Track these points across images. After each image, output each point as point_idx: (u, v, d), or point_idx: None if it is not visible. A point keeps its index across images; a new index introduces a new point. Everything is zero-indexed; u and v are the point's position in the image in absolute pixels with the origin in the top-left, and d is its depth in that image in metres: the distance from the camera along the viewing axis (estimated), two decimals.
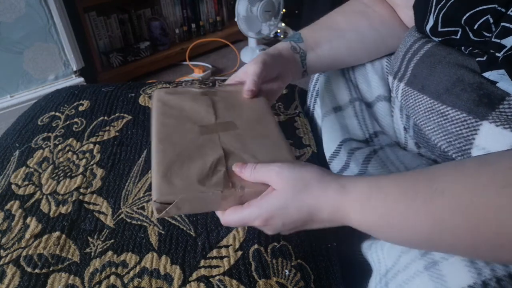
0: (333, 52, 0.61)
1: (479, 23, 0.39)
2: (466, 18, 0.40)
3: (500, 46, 0.37)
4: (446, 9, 0.43)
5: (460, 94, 0.42)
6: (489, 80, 0.41)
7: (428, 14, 0.47)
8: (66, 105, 0.73)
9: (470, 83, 0.42)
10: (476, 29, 0.40)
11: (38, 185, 0.56)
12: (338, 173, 0.57)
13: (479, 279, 0.30)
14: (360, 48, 0.62)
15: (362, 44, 0.61)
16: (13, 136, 0.67)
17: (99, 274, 0.44)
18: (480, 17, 0.39)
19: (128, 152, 0.61)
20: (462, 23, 0.41)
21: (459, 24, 0.42)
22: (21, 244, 0.48)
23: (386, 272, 0.39)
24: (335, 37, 0.61)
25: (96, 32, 1.80)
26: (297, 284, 0.43)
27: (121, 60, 1.85)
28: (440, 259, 0.33)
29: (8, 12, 1.35)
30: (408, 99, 0.50)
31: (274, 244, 0.47)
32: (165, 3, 2.00)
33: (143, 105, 0.72)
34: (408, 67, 0.50)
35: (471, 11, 0.39)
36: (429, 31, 0.48)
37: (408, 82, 0.50)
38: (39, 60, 1.49)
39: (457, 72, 0.43)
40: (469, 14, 0.40)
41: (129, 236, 0.48)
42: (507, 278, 0.30)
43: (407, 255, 0.36)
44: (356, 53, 0.63)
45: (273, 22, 1.85)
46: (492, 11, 0.37)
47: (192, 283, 0.43)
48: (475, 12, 0.39)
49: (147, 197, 0.53)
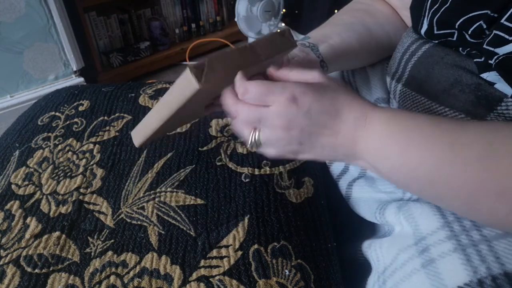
0: (346, 43, 0.58)
1: (473, 28, 0.39)
2: (460, 24, 0.40)
3: (492, 53, 0.37)
4: (440, 14, 0.43)
5: (458, 95, 0.42)
6: (487, 81, 0.41)
7: (422, 18, 0.47)
8: (66, 105, 0.73)
9: (468, 84, 0.42)
10: (471, 33, 0.40)
11: (38, 185, 0.56)
12: (337, 177, 0.56)
13: (475, 277, 0.30)
14: (369, 42, 0.60)
15: (371, 38, 0.60)
16: (13, 136, 0.67)
17: (99, 274, 0.44)
18: (473, 22, 0.39)
19: (128, 152, 0.61)
20: (456, 28, 0.41)
21: (454, 28, 0.42)
22: (21, 244, 0.48)
23: (384, 270, 0.39)
24: (344, 30, 0.58)
25: (96, 32, 1.80)
26: (297, 284, 0.43)
27: (121, 60, 1.85)
28: (437, 257, 0.34)
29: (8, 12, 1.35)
30: (406, 100, 0.50)
31: (274, 244, 0.47)
32: (165, 3, 2.00)
33: (143, 105, 0.72)
34: (405, 68, 0.50)
35: (464, 17, 0.39)
36: (424, 34, 0.47)
37: (405, 83, 0.50)
38: (39, 60, 1.49)
39: (455, 73, 0.43)
40: (462, 20, 0.40)
41: (129, 236, 0.48)
42: (502, 276, 0.30)
43: (404, 253, 0.37)
44: (366, 46, 0.60)
45: (273, 22, 1.85)
46: (484, 17, 0.37)
47: (192, 283, 0.43)
48: (469, 17, 0.39)
49: (147, 197, 0.53)
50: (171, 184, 0.54)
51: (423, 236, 0.36)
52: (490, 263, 0.31)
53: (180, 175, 0.56)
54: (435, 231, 0.36)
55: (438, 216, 0.36)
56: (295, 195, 0.53)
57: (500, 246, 0.32)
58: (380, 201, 0.46)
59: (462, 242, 0.33)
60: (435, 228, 0.36)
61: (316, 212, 0.52)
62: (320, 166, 0.59)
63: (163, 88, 0.77)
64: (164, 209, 0.51)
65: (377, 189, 0.48)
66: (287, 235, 0.48)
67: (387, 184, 0.47)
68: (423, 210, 0.38)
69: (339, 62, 0.59)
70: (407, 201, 0.42)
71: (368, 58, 0.63)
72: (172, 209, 0.51)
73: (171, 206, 0.51)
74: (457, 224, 0.35)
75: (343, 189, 0.54)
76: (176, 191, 0.53)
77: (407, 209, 0.40)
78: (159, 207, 0.51)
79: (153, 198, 0.53)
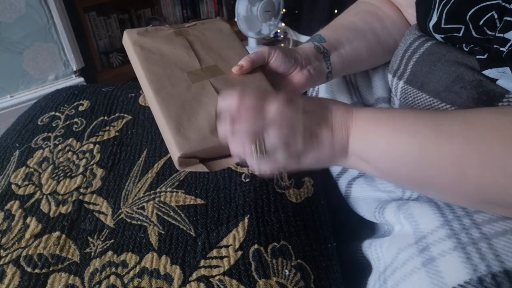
0: (355, 53, 0.59)
1: (485, 19, 0.39)
2: (471, 14, 0.40)
3: (504, 40, 0.37)
4: (450, 5, 0.43)
5: (460, 92, 0.43)
6: (488, 78, 0.41)
7: (432, 10, 0.47)
8: (66, 105, 0.73)
9: (469, 81, 0.42)
10: (480, 26, 0.40)
11: (38, 185, 0.56)
12: (337, 176, 0.56)
13: (474, 275, 0.31)
14: (378, 50, 0.61)
15: (379, 45, 0.60)
16: (13, 136, 0.67)
17: (99, 274, 0.44)
18: (485, 13, 0.39)
19: (128, 152, 0.61)
20: (466, 20, 0.41)
21: (463, 21, 0.42)
22: (21, 244, 0.48)
23: (384, 269, 0.39)
24: (355, 37, 0.59)
25: (96, 32, 1.80)
26: (297, 284, 0.43)
27: (121, 60, 1.85)
28: (437, 256, 0.34)
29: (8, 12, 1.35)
30: (408, 97, 0.50)
31: (274, 244, 0.47)
32: (165, 3, 2.01)
33: (143, 105, 0.72)
34: (407, 65, 0.51)
35: (475, 7, 0.39)
36: (432, 28, 0.47)
37: (407, 80, 0.50)
38: (39, 60, 1.49)
39: (457, 70, 0.43)
40: (473, 10, 0.40)
41: (129, 236, 0.48)
42: (502, 274, 0.30)
43: (405, 252, 0.37)
44: (374, 54, 0.61)
45: (273, 22, 1.85)
46: (496, 7, 0.37)
47: (192, 283, 0.43)
48: (480, 8, 0.39)
49: (147, 197, 0.53)
50: (171, 184, 0.54)
51: (423, 235, 0.36)
52: (490, 261, 0.31)
53: (180, 175, 0.56)
54: (435, 229, 0.36)
55: (438, 215, 0.36)
56: (295, 195, 0.53)
57: (499, 244, 0.32)
58: (379, 200, 0.46)
59: (462, 241, 0.33)
60: (435, 227, 0.36)
61: (316, 212, 0.52)
62: None
63: None
64: (164, 209, 0.51)
65: (377, 188, 0.48)
66: (287, 235, 0.48)
67: (386, 183, 0.47)
68: (423, 209, 0.38)
69: (344, 71, 0.60)
70: (407, 201, 0.42)
71: (372, 64, 0.64)
72: (172, 209, 0.51)
73: (171, 206, 0.51)
74: (457, 223, 0.35)
75: (342, 188, 0.54)
76: (176, 191, 0.53)
77: (407, 208, 0.40)
78: (159, 207, 0.51)
79: (153, 198, 0.53)
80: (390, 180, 0.45)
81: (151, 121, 0.67)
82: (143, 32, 0.52)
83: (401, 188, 0.45)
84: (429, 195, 0.40)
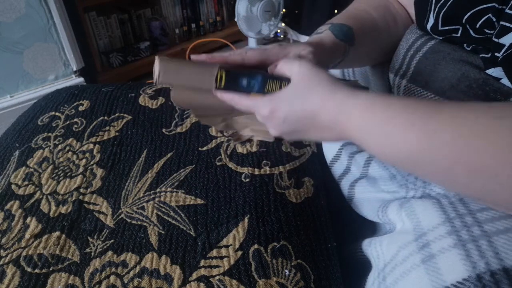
0: (372, 52, 0.58)
1: (481, 22, 0.39)
2: (468, 17, 0.40)
3: (499, 45, 0.37)
4: (447, 8, 0.43)
5: (466, 90, 0.42)
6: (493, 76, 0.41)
7: (428, 12, 0.47)
8: (66, 105, 0.73)
9: (475, 79, 0.42)
10: (478, 28, 0.40)
11: (38, 185, 0.56)
12: (339, 177, 0.56)
13: (473, 273, 0.30)
14: (391, 50, 0.59)
15: (393, 45, 0.59)
16: (13, 136, 0.67)
17: (99, 274, 0.44)
18: (481, 16, 0.39)
19: (128, 152, 0.61)
20: (463, 22, 0.41)
21: (459, 23, 0.42)
22: (21, 244, 0.48)
23: (384, 267, 0.39)
24: (376, 36, 0.57)
25: (96, 32, 1.80)
26: (297, 284, 0.43)
27: (121, 60, 1.85)
28: (437, 253, 0.33)
29: (8, 12, 1.35)
30: (411, 96, 0.50)
31: (274, 244, 0.47)
32: (165, 3, 2.00)
33: (143, 105, 0.72)
34: (410, 64, 0.50)
35: (471, 10, 0.39)
36: (430, 29, 0.47)
37: (410, 79, 0.50)
38: (39, 60, 1.49)
39: (462, 68, 0.43)
40: (470, 13, 0.40)
41: (129, 236, 0.48)
42: (501, 272, 0.30)
43: (405, 249, 0.37)
44: (387, 53, 0.60)
45: (273, 22, 1.85)
46: (492, 10, 0.37)
47: (192, 283, 0.43)
48: (476, 11, 0.39)
49: (147, 197, 0.53)
50: (171, 184, 0.54)
51: (423, 232, 0.36)
52: (489, 258, 0.31)
53: (180, 175, 0.56)
54: (436, 226, 0.35)
55: (440, 212, 0.36)
56: (295, 195, 0.53)
57: (499, 241, 0.32)
58: (383, 201, 0.46)
59: (462, 238, 0.33)
60: (436, 224, 0.36)
61: (316, 212, 0.52)
62: (320, 166, 0.59)
63: (163, 88, 0.77)
64: (164, 209, 0.51)
65: (380, 188, 0.48)
66: (287, 235, 0.48)
67: (389, 183, 0.47)
68: (425, 206, 0.38)
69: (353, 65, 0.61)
70: (410, 199, 0.42)
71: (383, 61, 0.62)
72: (172, 209, 0.51)
73: (171, 206, 0.51)
74: (458, 220, 0.35)
75: (345, 190, 0.54)
76: (176, 191, 0.53)
77: (409, 206, 0.40)
78: (159, 207, 0.51)
79: (153, 198, 0.53)
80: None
81: (151, 121, 0.67)
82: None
83: (404, 188, 0.45)
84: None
